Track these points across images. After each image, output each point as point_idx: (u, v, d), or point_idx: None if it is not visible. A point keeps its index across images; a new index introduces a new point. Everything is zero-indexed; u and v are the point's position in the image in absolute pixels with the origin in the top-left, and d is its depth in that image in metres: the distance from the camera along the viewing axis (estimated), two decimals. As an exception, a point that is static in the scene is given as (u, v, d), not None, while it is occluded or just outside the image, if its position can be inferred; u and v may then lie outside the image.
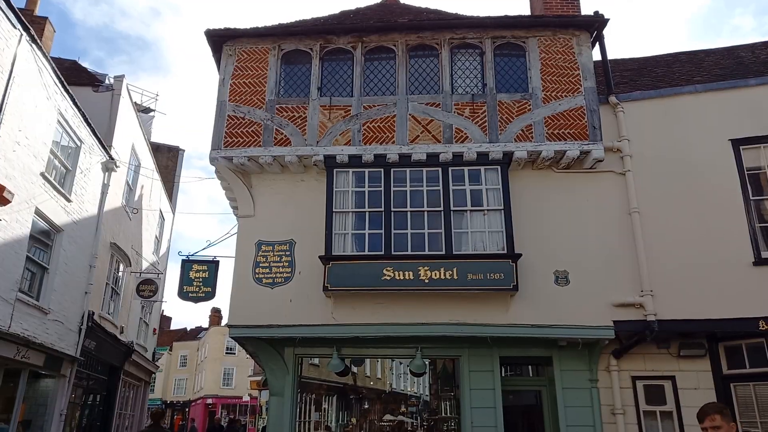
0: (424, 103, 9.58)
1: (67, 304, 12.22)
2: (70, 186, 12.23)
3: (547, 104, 9.45)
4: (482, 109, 9.49)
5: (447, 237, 8.93)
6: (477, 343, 9.03)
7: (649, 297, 8.67)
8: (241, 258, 9.39)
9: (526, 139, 9.25)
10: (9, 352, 9.80)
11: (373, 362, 10.50)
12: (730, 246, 8.78)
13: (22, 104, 10.02)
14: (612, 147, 9.47)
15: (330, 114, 9.60)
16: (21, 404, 10.95)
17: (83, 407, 14.49)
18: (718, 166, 9.21)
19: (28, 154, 10.31)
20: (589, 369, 8.96)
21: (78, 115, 12.22)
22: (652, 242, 8.97)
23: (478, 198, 9.20)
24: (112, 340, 15.53)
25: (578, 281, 8.90)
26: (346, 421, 10.36)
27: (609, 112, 9.75)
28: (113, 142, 14.39)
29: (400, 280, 8.63)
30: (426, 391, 10.36)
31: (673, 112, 9.68)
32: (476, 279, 8.58)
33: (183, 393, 56.12)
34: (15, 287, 9.91)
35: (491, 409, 8.87)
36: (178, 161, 23.61)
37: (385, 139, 9.39)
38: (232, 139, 9.53)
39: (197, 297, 10.74)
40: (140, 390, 20.66)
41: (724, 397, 8.57)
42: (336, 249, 9.03)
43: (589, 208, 9.30)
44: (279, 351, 9.33)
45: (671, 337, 8.86)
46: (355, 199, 9.35)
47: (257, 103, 9.76)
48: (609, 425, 8.72)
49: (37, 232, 11.03)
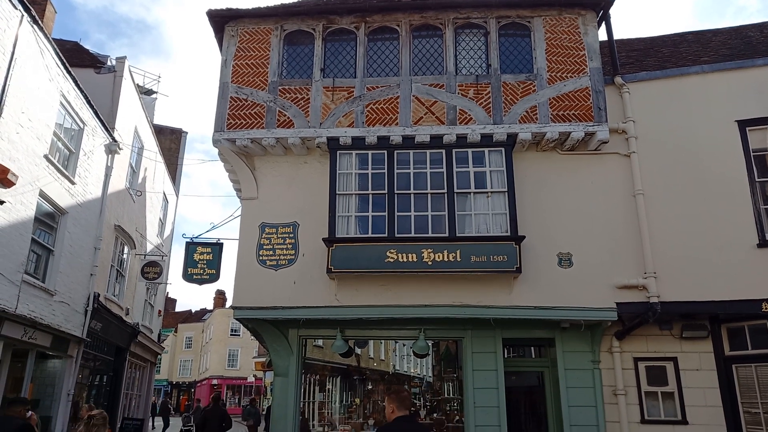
0: (427, 84, 9.51)
1: (73, 286, 12.31)
2: (74, 168, 12.25)
3: (552, 85, 9.37)
4: (486, 91, 9.41)
5: (450, 219, 8.92)
6: (480, 324, 9.07)
7: (652, 279, 8.67)
8: (245, 240, 9.41)
9: (530, 120, 9.19)
10: (16, 333, 9.90)
11: (377, 344, 10.57)
12: (735, 228, 8.76)
13: (25, 86, 9.99)
14: (617, 128, 9.41)
15: (333, 95, 9.54)
16: (29, 384, 11.10)
17: (90, 387, 14.68)
18: (724, 147, 9.14)
19: (31, 136, 10.31)
20: (591, 350, 9.00)
21: (80, 96, 12.18)
22: (656, 224, 8.95)
23: (482, 180, 9.17)
24: (118, 322, 15.68)
25: (581, 263, 8.90)
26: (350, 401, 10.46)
27: (614, 93, 9.66)
28: (116, 124, 14.37)
29: (403, 263, 8.65)
30: (429, 373, 10.45)
31: (679, 92, 9.59)
32: (479, 261, 8.59)
33: (188, 374, 56.80)
34: (21, 269, 9.98)
35: (494, 389, 8.94)
36: (181, 143, 23.58)
37: (388, 121, 9.34)
38: (235, 121, 9.50)
39: (202, 279, 10.81)
40: (146, 371, 20.91)
41: (725, 378, 8.62)
42: (339, 231, 9.04)
43: (593, 190, 9.26)
44: (283, 332, 9.40)
45: (674, 319, 8.88)
46: (359, 181, 9.33)
47: (260, 85, 9.70)
48: (610, 405, 8.79)
49: (42, 215, 11.07)
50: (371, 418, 9.79)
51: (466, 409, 8.95)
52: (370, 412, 9.98)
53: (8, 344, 10.01)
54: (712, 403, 8.60)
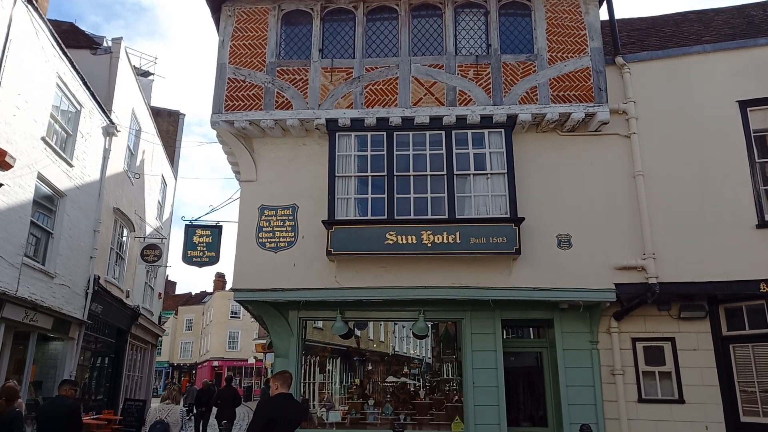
0: (427, 64, 9.43)
1: (73, 269, 12.33)
2: (72, 151, 12.19)
3: (553, 65, 9.29)
4: (486, 71, 9.33)
5: (450, 201, 8.92)
6: (479, 306, 9.12)
7: (651, 260, 8.69)
8: (245, 223, 9.41)
9: (530, 101, 9.13)
10: (17, 315, 9.94)
11: (376, 326, 10.63)
12: (734, 209, 8.76)
13: (20, 67, 9.89)
14: (617, 109, 9.35)
15: (332, 76, 9.46)
16: (32, 365, 11.18)
17: (92, 369, 14.79)
18: (725, 127, 9.10)
19: (28, 118, 10.24)
20: (589, 331, 9.07)
21: (77, 78, 12.08)
22: (656, 205, 8.95)
23: (482, 162, 9.14)
24: (119, 304, 15.74)
25: (581, 244, 8.92)
26: (350, 382, 10.55)
27: (615, 73, 9.59)
28: (113, 106, 14.26)
29: (402, 244, 8.66)
30: (428, 354, 10.52)
31: (680, 72, 9.52)
32: (479, 243, 8.60)
33: (189, 356, 57.21)
34: (20, 252, 9.99)
35: (493, 370, 9.02)
36: (179, 126, 23.44)
37: (387, 102, 9.28)
38: (233, 103, 9.43)
39: (201, 261, 10.81)
40: (147, 352, 21.05)
41: (723, 357, 8.70)
42: (339, 213, 9.03)
43: (593, 171, 9.24)
44: (283, 314, 9.44)
45: (672, 300, 8.93)
46: (358, 163, 9.30)
47: (258, 66, 9.61)
48: (608, 385, 8.88)
49: (41, 197, 11.05)
50: (371, 398, 9.88)
51: (465, 389, 9.04)
52: (370, 393, 10.06)
53: (10, 326, 10.06)
54: (709, 383, 8.69)
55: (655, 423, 8.66)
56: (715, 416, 8.56)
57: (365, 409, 9.70)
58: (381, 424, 9.37)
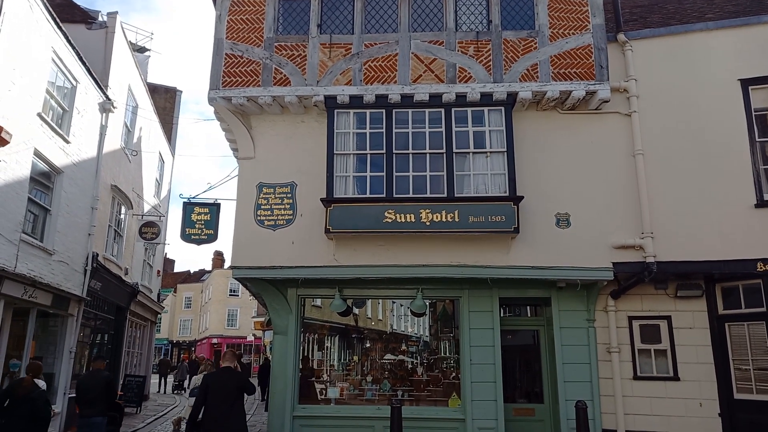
0: (427, 41, 9.32)
1: (71, 246, 12.32)
2: (68, 127, 12.08)
3: (554, 42, 9.19)
4: (487, 48, 9.23)
5: (449, 179, 8.89)
6: (477, 284, 9.16)
7: (649, 239, 8.71)
8: (243, 200, 9.38)
9: (531, 78, 9.05)
10: (16, 291, 9.96)
11: (374, 304, 10.68)
12: (733, 188, 8.75)
13: (15, 41, 9.75)
14: (618, 87, 9.28)
15: (330, 52, 9.35)
16: (32, 342, 11.24)
17: (92, 345, 14.89)
18: (726, 106, 9.04)
19: (23, 94, 10.13)
20: (586, 309, 9.13)
21: (72, 53, 11.91)
22: (655, 184, 8.94)
23: (481, 140, 9.09)
24: (117, 281, 15.78)
25: (579, 223, 8.92)
26: (349, 359, 10.64)
27: (617, 51, 9.49)
28: (109, 81, 14.10)
29: (401, 223, 8.66)
30: (426, 332, 10.59)
31: (682, 50, 9.42)
32: (477, 221, 8.61)
33: (189, 333, 57.66)
34: (18, 228, 9.96)
35: (490, 347, 9.10)
36: (176, 102, 23.25)
37: (386, 79, 9.18)
38: (230, 79, 9.33)
39: (200, 239, 10.81)
40: (147, 329, 21.20)
41: (718, 336, 8.78)
42: (337, 191, 9.01)
43: (592, 150, 9.20)
44: (282, 292, 9.48)
45: (669, 278, 8.97)
46: (356, 140, 9.24)
47: (255, 41, 9.49)
48: (604, 363, 8.98)
49: (37, 174, 10.98)
50: (369, 375, 9.98)
51: (463, 366, 9.13)
52: (368, 370, 10.15)
53: (9, 303, 10.08)
54: (704, 360, 8.78)
55: (650, 400, 8.78)
56: (709, 393, 8.67)
57: (363, 385, 9.80)
58: (379, 400, 9.48)
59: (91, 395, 7.48)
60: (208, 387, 6.72)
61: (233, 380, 6.87)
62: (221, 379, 6.87)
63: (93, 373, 7.99)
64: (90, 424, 7.40)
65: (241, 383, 6.93)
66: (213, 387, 6.72)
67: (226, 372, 6.98)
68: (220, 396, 6.63)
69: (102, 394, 7.58)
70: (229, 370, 7.04)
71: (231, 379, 6.87)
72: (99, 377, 7.79)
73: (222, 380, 6.83)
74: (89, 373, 8.06)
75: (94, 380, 7.69)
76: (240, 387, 6.88)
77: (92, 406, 7.46)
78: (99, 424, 7.50)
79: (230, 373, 6.99)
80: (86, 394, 7.51)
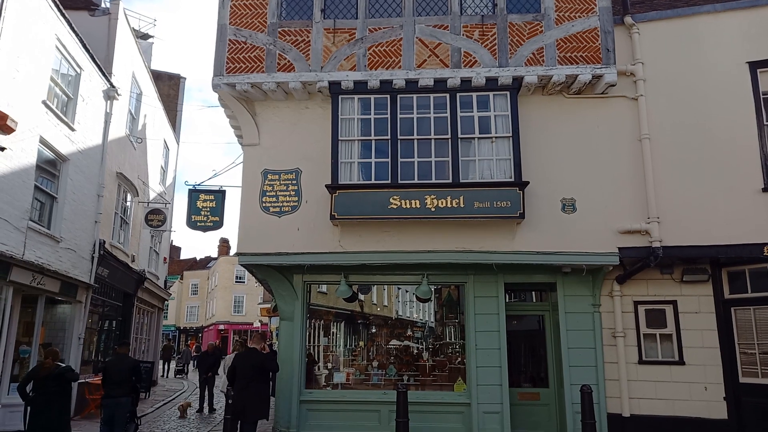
0: (431, 25, 9.24)
1: (78, 233, 12.39)
2: (73, 115, 12.09)
3: (560, 25, 9.09)
4: (492, 32, 9.14)
5: (454, 165, 8.87)
6: (482, 269, 9.17)
7: (655, 224, 8.68)
8: (248, 187, 9.40)
9: (536, 63, 8.97)
10: (25, 278, 10.04)
11: (380, 290, 10.71)
12: (740, 172, 8.70)
13: (19, 29, 9.73)
14: (625, 71, 9.19)
15: (334, 37, 9.29)
16: (41, 328, 11.35)
17: (100, 332, 15.01)
18: (733, 90, 8.96)
19: (28, 81, 10.13)
20: (592, 294, 9.14)
21: (76, 40, 11.88)
22: (662, 169, 8.89)
23: (487, 125, 9.05)
24: (125, 268, 15.87)
25: (585, 208, 8.90)
26: (354, 345, 10.69)
27: (624, 34, 9.40)
28: (113, 69, 14.06)
29: (406, 209, 8.66)
30: (431, 318, 10.62)
31: (690, 33, 9.32)
32: (483, 207, 8.60)
33: (195, 320, 58.12)
34: (25, 216, 10.02)
35: (495, 332, 9.13)
36: (180, 89, 23.20)
37: (391, 64, 9.13)
38: (234, 65, 9.30)
39: (205, 226, 10.85)
40: (154, 316, 21.36)
41: (724, 320, 8.77)
42: (342, 178, 9.01)
43: (599, 134, 9.15)
44: (288, 278, 9.52)
45: (675, 263, 8.96)
46: (361, 126, 9.22)
47: (259, 27, 9.43)
48: (609, 347, 9.00)
49: (43, 162, 11.01)
50: (375, 360, 10.04)
51: (468, 351, 9.18)
52: (374, 355, 10.22)
53: (18, 290, 10.17)
54: (709, 345, 8.79)
55: (655, 384, 8.81)
56: (714, 377, 8.69)
57: (369, 370, 9.87)
58: (385, 385, 9.55)
59: (118, 378, 8.09)
60: (236, 366, 7.90)
61: (256, 360, 7.92)
62: (247, 358, 8.01)
63: (120, 357, 8.58)
64: (116, 404, 8.05)
65: (262, 363, 7.90)
66: (240, 365, 7.87)
67: (252, 352, 8.14)
68: (245, 372, 7.76)
69: (128, 377, 8.19)
70: (254, 350, 8.21)
71: (254, 359, 7.94)
72: (125, 361, 8.41)
73: (248, 359, 7.95)
74: (117, 357, 8.67)
75: (122, 364, 8.29)
76: (261, 366, 7.87)
77: (119, 387, 8.08)
78: (125, 404, 8.14)
79: (255, 353, 8.11)
80: (114, 377, 8.11)
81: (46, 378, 7.46)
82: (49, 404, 7.39)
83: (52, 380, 7.47)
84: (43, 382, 7.44)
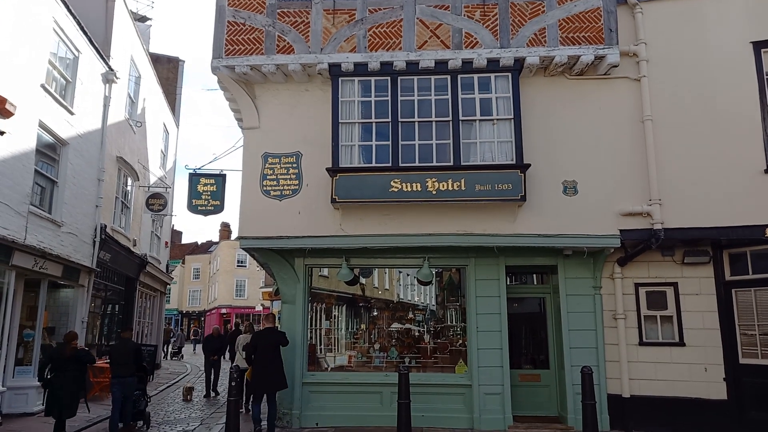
0: (432, 5, 9.12)
1: (79, 217, 12.40)
2: (72, 98, 12.02)
3: (562, 5, 8.98)
4: (493, 12, 9.04)
5: (455, 148, 8.82)
6: (483, 252, 9.17)
7: (656, 206, 8.66)
8: (248, 171, 9.37)
9: (538, 43, 8.88)
10: (27, 262, 10.07)
11: (381, 274, 10.73)
12: (742, 153, 8.65)
13: (16, 12, 9.63)
14: (628, 51, 9.10)
15: (334, 18, 9.18)
16: (44, 312, 11.42)
17: (103, 316, 15.10)
18: (737, 70, 8.87)
19: (26, 65, 10.05)
20: (593, 276, 9.15)
21: (74, 23, 11.77)
22: (664, 150, 8.84)
23: (488, 107, 8.99)
24: (126, 253, 15.91)
25: (586, 191, 8.87)
26: (356, 328, 10.74)
27: (626, 14, 9.28)
28: (111, 51, 13.97)
29: (407, 192, 8.64)
30: (432, 301, 10.65)
31: (693, 12, 9.20)
32: (484, 190, 8.57)
33: (198, 303, 58.43)
34: (26, 200, 10.01)
35: (496, 315, 9.16)
36: (179, 72, 23.05)
37: (391, 45, 9.04)
38: (233, 47, 9.21)
39: (206, 210, 10.86)
40: (156, 300, 21.46)
41: (724, 301, 8.79)
42: (343, 161, 8.97)
43: (601, 116, 9.08)
44: (289, 261, 9.54)
45: (676, 245, 8.95)
46: (362, 109, 9.16)
47: (257, 8, 9.33)
48: (610, 329, 9.03)
49: (43, 146, 10.98)
50: (377, 343, 10.10)
51: (469, 334, 9.22)
52: (376, 338, 10.27)
53: (20, 274, 10.21)
54: (710, 326, 8.82)
55: (655, 365, 8.86)
56: (714, 358, 8.73)
57: (371, 353, 9.93)
58: (386, 367, 9.61)
59: (123, 360, 8.78)
60: (257, 344, 8.57)
61: (274, 337, 8.66)
62: (266, 336, 8.67)
63: (123, 341, 9.25)
64: (123, 383, 8.72)
65: (279, 340, 8.63)
66: (260, 343, 8.53)
67: (270, 331, 8.87)
68: (266, 349, 8.45)
69: (132, 359, 8.88)
70: (271, 329, 8.94)
71: (273, 336, 8.66)
72: (129, 344, 9.10)
73: (267, 337, 8.63)
74: (121, 341, 9.37)
75: (126, 347, 8.99)
76: (278, 342, 8.58)
77: (124, 368, 8.77)
78: (131, 383, 8.89)
79: (272, 331, 8.89)
80: (119, 359, 8.80)
81: (69, 359, 8.14)
82: (66, 384, 8.04)
83: (72, 363, 8.15)
84: (63, 364, 8.09)
